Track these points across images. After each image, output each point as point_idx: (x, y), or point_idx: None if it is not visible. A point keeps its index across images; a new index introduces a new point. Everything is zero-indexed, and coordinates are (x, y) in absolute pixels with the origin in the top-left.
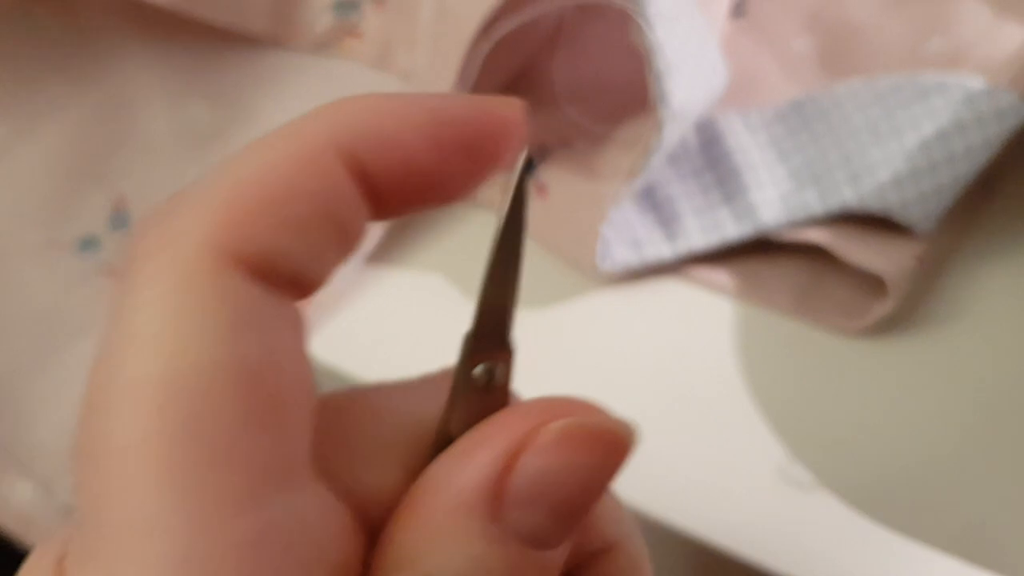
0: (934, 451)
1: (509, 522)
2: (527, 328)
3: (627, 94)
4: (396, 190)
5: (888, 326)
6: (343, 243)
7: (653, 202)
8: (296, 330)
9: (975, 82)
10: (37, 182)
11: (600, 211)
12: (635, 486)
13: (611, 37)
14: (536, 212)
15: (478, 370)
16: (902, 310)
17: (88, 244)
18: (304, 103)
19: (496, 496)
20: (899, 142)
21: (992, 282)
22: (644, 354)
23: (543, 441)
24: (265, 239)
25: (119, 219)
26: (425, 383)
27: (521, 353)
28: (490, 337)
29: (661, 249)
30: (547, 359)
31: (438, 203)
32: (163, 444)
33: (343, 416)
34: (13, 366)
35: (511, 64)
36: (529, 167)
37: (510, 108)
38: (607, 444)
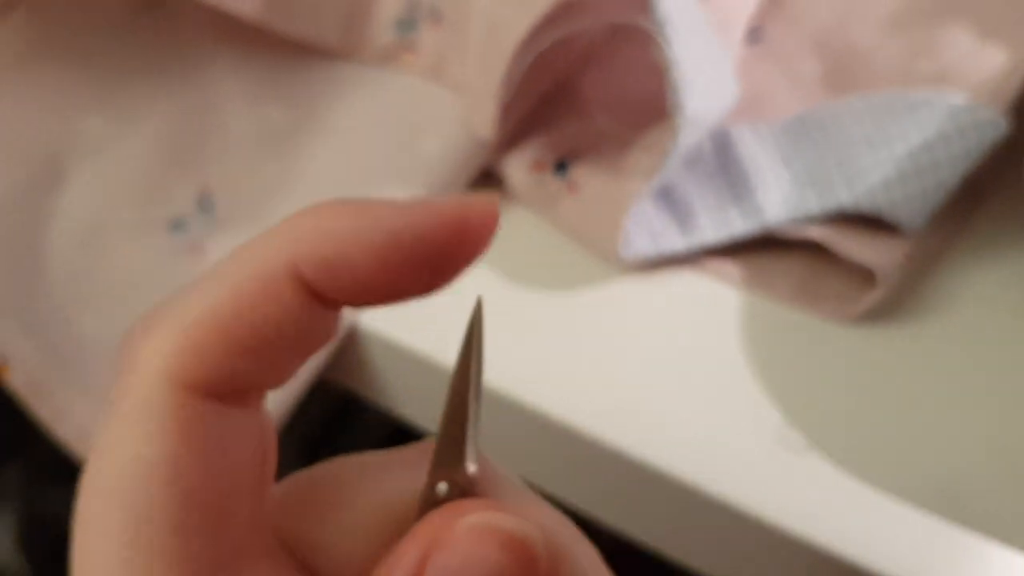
0: (912, 420)
1: None
2: (558, 308)
3: (649, 105)
4: (353, 301)
5: (877, 315)
6: (302, 348)
7: (670, 200)
8: (250, 433)
9: (958, 98)
10: (134, 168)
11: (624, 206)
12: (645, 442)
13: (635, 55)
14: (567, 206)
15: (441, 487)
16: (891, 301)
17: (177, 225)
18: (366, 110)
19: None
20: (889, 150)
21: (975, 279)
22: (659, 334)
23: (451, 536)
24: (217, 364)
25: (205, 204)
26: (402, 461)
27: (552, 331)
28: (452, 456)
29: (676, 242)
30: (575, 337)
31: (404, 301)
32: (112, 545)
33: (320, 492)
34: (104, 331)
35: (547, 78)
36: (479, 313)
37: (483, 208)
38: (511, 543)
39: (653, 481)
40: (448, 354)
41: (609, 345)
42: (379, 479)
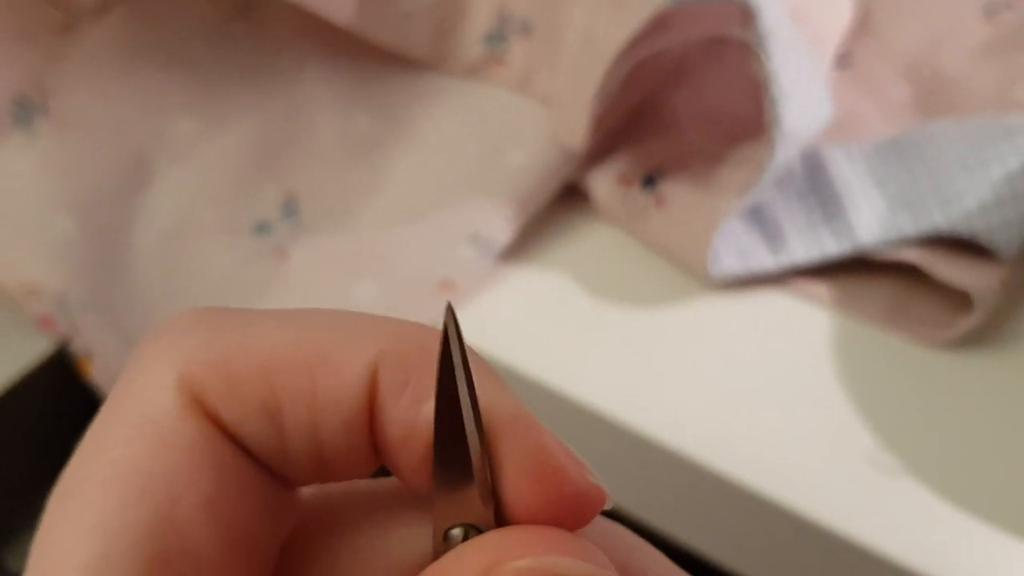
0: (1006, 447)
1: None
2: (644, 326)
3: (741, 121)
4: None
5: (972, 341)
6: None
7: (760, 220)
8: (272, 505)
9: None
10: (222, 172)
11: (713, 222)
12: (732, 460)
13: (727, 71)
14: (655, 222)
15: (454, 533)
16: (984, 327)
17: (262, 229)
18: (453, 120)
19: None
20: (986, 174)
21: None
22: (747, 353)
23: None
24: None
25: (290, 209)
26: (400, 503)
27: (636, 348)
28: (458, 489)
29: (766, 261)
30: (660, 355)
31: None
32: (75, 558)
33: (323, 552)
34: None
35: (637, 92)
36: (454, 319)
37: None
38: None
39: (740, 500)
40: (547, 376)
41: (696, 364)
42: (378, 538)
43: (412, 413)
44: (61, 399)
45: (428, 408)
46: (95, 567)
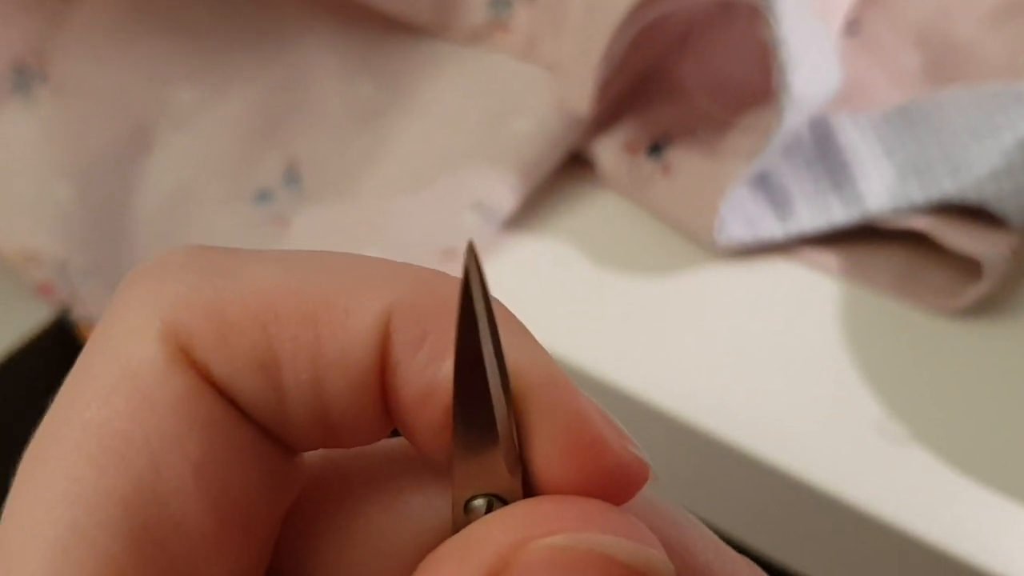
0: (1016, 414)
1: None
2: (649, 295)
3: (748, 87)
4: None
5: (980, 309)
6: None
7: (768, 187)
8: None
9: None
10: (223, 140)
11: (720, 189)
12: (737, 427)
13: (734, 37)
14: (661, 189)
15: (477, 503)
16: (994, 296)
17: (263, 197)
18: (456, 88)
19: None
20: (996, 140)
21: None
22: (754, 322)
23: (526, 563)
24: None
25: (292, 177)
26: (418, 470)
27: (642, 317)
28: (481, 454)
29: (773, 229)
30: (666, 324)
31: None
32: (44, 531)
33: (330, 524)
34: None
35: (643, 58)
36: (476, 263)
37: None
38: (603, 568)
39: (746, 468)
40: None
41: (703, 333)
42: (391, 508)
43: (430, 372)
44: (61, 367)
45: (448, 366)
46: (67, 541)
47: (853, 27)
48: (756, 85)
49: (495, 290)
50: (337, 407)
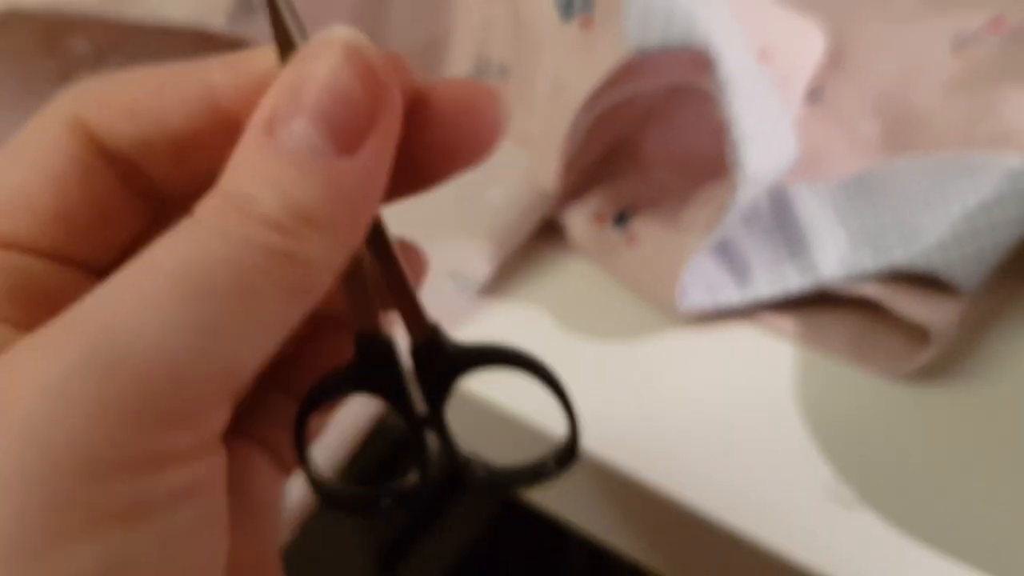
0: (964, 480)
1: (282, 137)
2: (615, 357)
3: (709, 162)
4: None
5: (932, 374)
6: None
7: (728, 255)
8: None
9: (1017, 161)
10: None
11: (682, 259)
12: (697, 491)
13: (696, 115)
14: (626, 258)
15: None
16: (945, 361)
17: None
18: None
19: (271, 117)
20: (946, 211)
21: None
22: (714, 385)
23: (311, 53)
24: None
25: None
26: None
27: (609, 379)
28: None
29: (732, 295)
30: (630, 385)
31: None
32: None
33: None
34: None
35: (609, 134)
36: None
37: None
38: (363, 68)
39: (702, 529)
40: (520, 407)
41: (664, 394)
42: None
43: (242, 71)
44: None
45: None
46: None
47: (816, 94)
48: (715, 160)
49: None
50: (176, 130)
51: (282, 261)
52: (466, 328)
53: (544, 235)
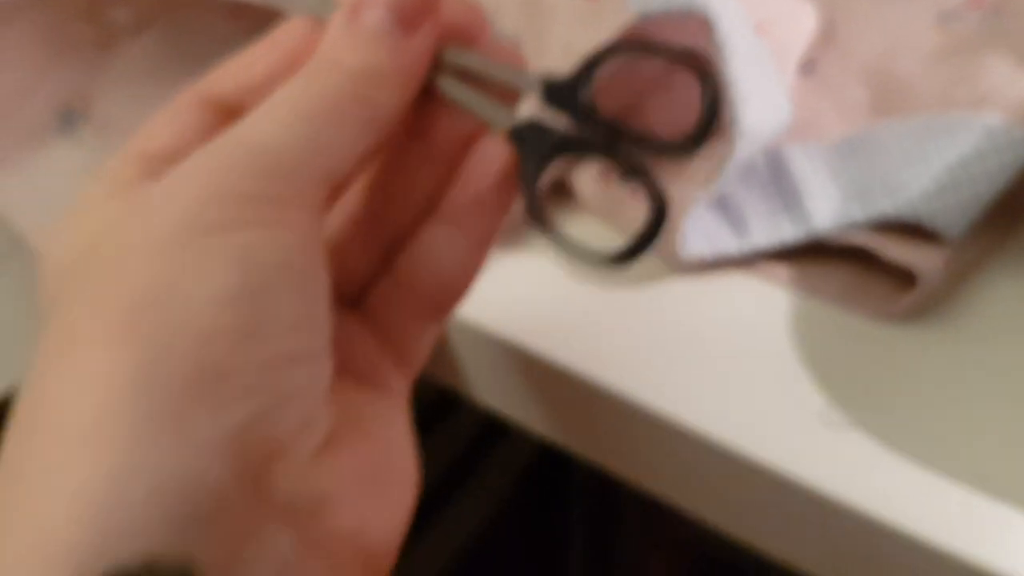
0: (950, 405)
1: (364, 20)
2: (617, 305)
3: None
4: None
5: (918, 316)
6: None
7: (726, 208)
8: None
9: (994, 119)
10: None
11: (683, 210)
12: (700, 413)
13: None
14: (630, 213)
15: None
16: (931, 304)
17: None
18: None
19: (357, 4)
20: (929, 165)
21: (1012, 287)
22: (712, 328)
23: None
24: None
25: None
26: None
27: (611, 325)
28: None
29: (730, 244)
30: (634, 331)
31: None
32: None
33: None
34: None
35: (614, 104)
36: None
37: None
38: None
39: (704, 451)
40: (541, 344)
41: (667, 330)
42: None
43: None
44: None
45: None
46: None
47: (809, 67)
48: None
49: (491, 300)
50: None
51: (361, 101)
52: (486, 277)
53: (554, 194)
